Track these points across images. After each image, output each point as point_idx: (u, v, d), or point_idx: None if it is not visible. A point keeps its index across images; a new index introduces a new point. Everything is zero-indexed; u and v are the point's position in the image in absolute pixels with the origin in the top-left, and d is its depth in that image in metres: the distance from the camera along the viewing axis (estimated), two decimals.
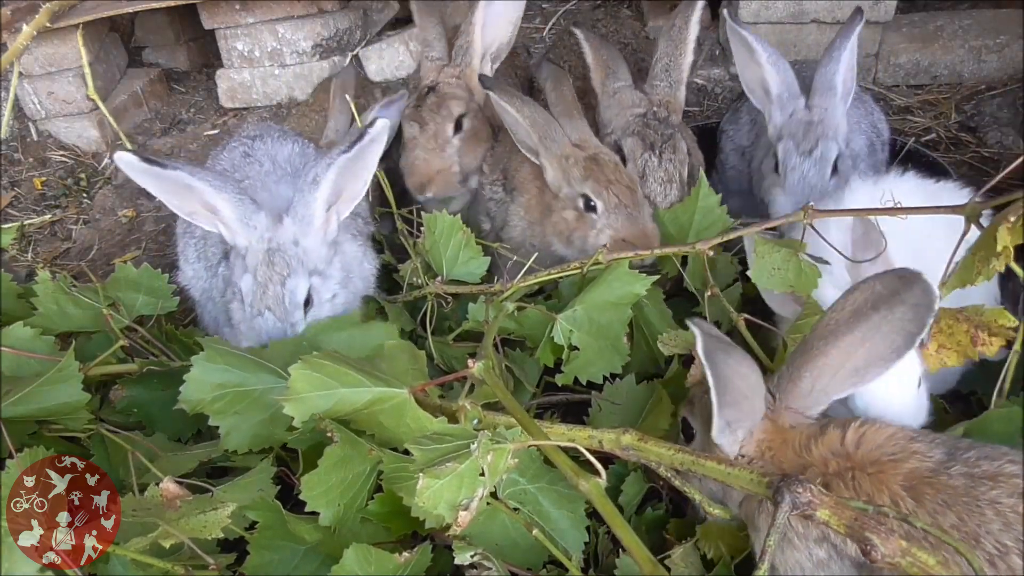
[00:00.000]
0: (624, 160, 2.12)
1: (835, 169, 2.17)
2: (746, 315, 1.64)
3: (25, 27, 3.21)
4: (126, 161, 1.69)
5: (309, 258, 1.79)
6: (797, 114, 2.18)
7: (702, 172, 2.20)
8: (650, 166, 2.11)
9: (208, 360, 1.52)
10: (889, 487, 1.19)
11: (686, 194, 2.13)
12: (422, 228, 2.07)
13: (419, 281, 2.06)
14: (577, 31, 2.37)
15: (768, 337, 1.71)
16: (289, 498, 1.47)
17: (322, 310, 1.82)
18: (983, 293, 1.59)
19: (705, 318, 1.69)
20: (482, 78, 2.29)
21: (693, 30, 2.20)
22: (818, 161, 2.14)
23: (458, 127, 2.39)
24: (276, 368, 1.52)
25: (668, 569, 1.32)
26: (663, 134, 2.13)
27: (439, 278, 2.01)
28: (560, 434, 1.34)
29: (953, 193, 1.77)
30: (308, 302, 1.78)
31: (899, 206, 2.13)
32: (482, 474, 1.18)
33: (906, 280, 1.27)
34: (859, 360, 1.30)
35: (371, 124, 1.71)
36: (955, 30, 3.44)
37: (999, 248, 1.20)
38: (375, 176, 2.38)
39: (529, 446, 1.28)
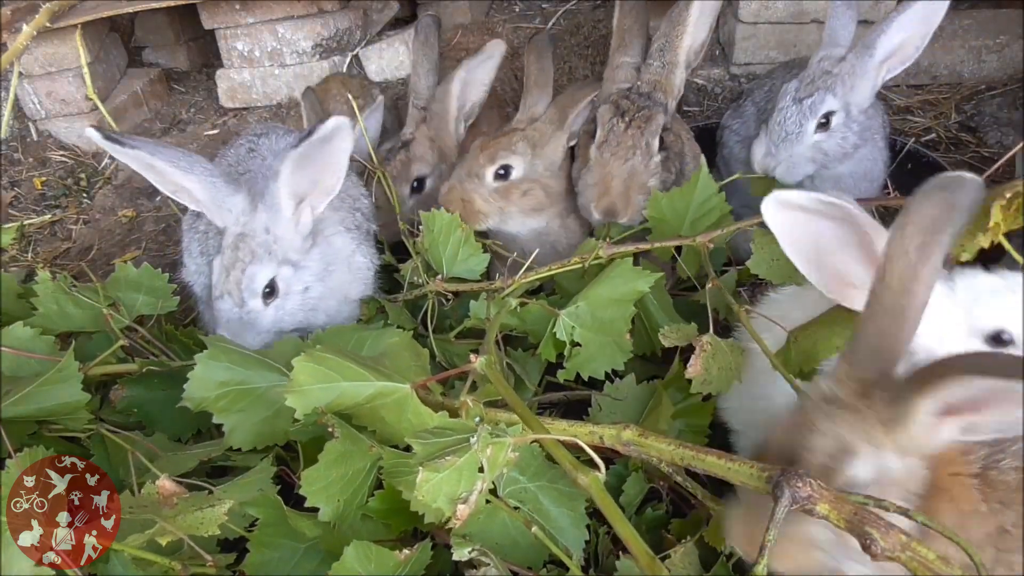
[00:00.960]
0: (596, 128, 2.14)
1: (827, 126, 2.15)
2: (748, 307, 1.63)
3: (25, 27, 3.21)
4: (91, 138, 1.71)
5: (280, 246, 1.79)
6: (824, 62, 2.18)
7: (703, 160, 2.20)
8: (615, 131, 2.11)
9: (211, 358, 1.52)
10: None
11: (652, 165, 2.13)
12: (421, 226, 2.07)
13: (419, 280, 2.06)
14: None
15: None
16: (289, 497, 1.47)
17: (289, 301, 1.83)
18: None
19: (705, 307, 1.68)
20: (534, 36, 2.36)
21: (694, 12, 2.18)
22: (804, 110, 2.13)
23: (419, 187, 2.51)
24: (279, 366, 1.52)
25: (667, 570, 1.32)
26: (638, 105, 2.14)
27: (439, 276, 2.01)
28: (561, 430, 1.33)
29: None
30: (273, 292, 1.79)
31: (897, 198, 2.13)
32: (481, 469, 1.18)
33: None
34: None
35: (322, 121, 1.67)
36: (955, 30, 3.43)
37: (991, 224, 1.19)
38: (376, 176, 2.40)
39: (530, 441, 1.28)
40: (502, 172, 2.21)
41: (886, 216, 2.24)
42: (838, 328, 1.41)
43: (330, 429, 1.35)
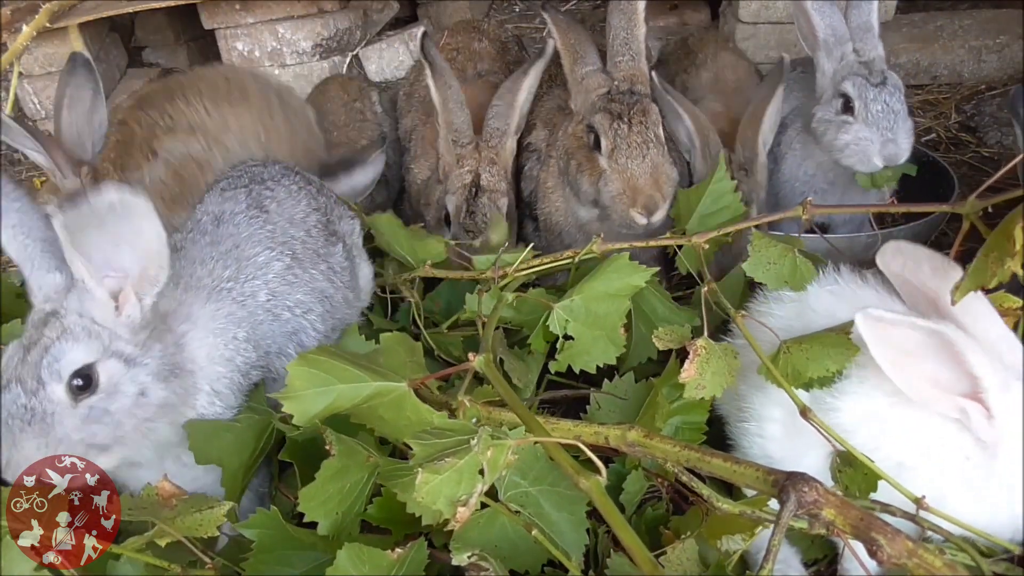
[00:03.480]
0: (598, 138, 2.10)
1: None
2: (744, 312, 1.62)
3: (25, 27, 3.21)
4: None
5: (104, 334, 1.31)
6: (848, 56, 2.22)
7: (722, 153, 2.18)
8: (620, 135, 2.06)
9: (196, 432, 1.44)
10: None
11: (667, 153, 2.11)
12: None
13: (392, 280, 2.08)
14: (545, 13, 2.31)
15: None
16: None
17: (115, 402, 1.30)
18: None
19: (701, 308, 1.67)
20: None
21: (640, 1, 2.17)
22: (894, 88, 2.16)
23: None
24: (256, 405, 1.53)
25: (666, 568, 1.31)
26: (628, 103, 2.11)
27: (427, 263, 2.01)
28: (566, 430, 1.33)
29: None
30: (89, 386, 1.28)
31: (894, 204, 2.14)
32: (481, 471, 1.18)
33: None
34: None
35: (98, 188, 1.21)
36: (955, 30, 3.44)
37: (1017, 248, 1.17)
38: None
39: (530, 443, 1.27)
40: None
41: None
42: (833, 351, 1.40)
43: (328, 447, 1.34)
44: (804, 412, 1.34)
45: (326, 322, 1.74)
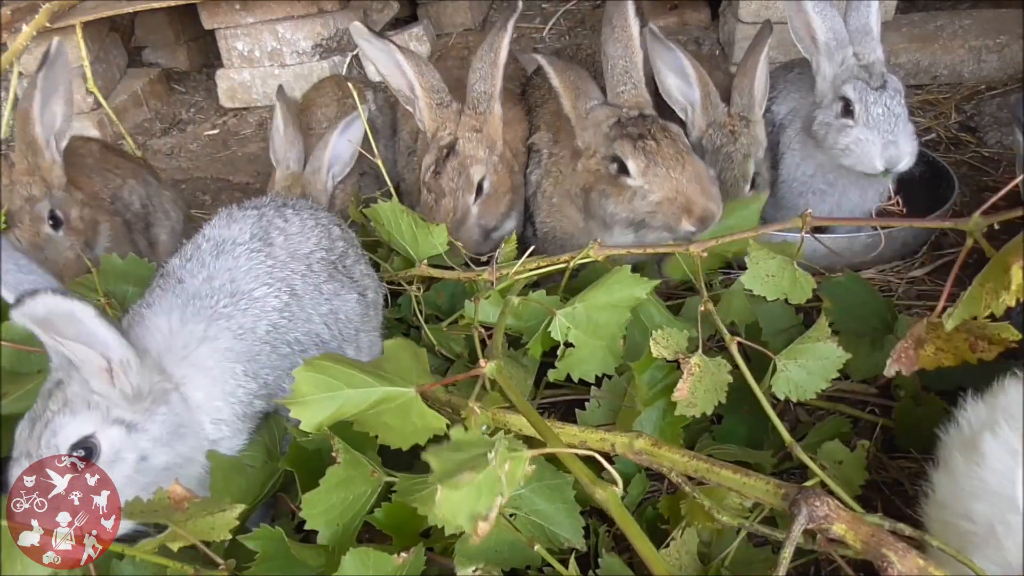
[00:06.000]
0: (626, 167, 1.99)
1: None
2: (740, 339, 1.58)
3: (25, 27, 3.21)
4: None
5: (109, 399, 1.32)
6: (848, 60, 2.23)
7: (767, 191, 2.18)
8: (650, 150, 1.97)
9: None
10: None
11: (696, 158, 2.04)
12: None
13: (388, 274, 2.05)
14: (539, 57, 2.23)
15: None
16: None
17: (117, 471, 1.32)
18: None
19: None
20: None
21: (634, 26, 2.13)
22: (895, 92, 2.16)
23: (479, 191, 2.22)
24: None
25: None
26: (643, 125, 2.04)
27: (422, 263, 1.98)
28: (571, 435, 1.32)
29: None
30: (90, 455, 1.31)
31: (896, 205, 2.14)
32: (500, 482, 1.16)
33: None
34: None
35: (32, 294, 1.17)
36: (955, 30, 3.44)
37: (1012, 286, 1.13)
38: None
39: (545, 453, 1.25)
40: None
41: None
42: (822, 361, 1.40)
43: (333, 455, 1.33)
44: (790, 445, 1.35)
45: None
